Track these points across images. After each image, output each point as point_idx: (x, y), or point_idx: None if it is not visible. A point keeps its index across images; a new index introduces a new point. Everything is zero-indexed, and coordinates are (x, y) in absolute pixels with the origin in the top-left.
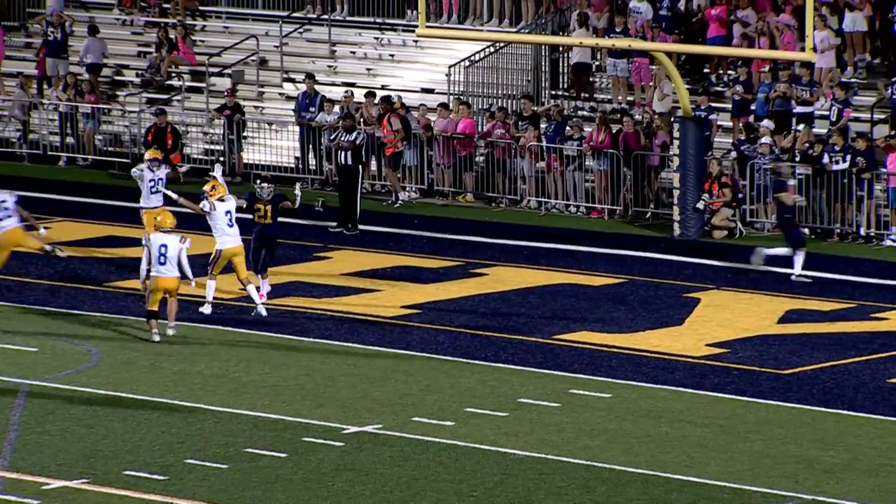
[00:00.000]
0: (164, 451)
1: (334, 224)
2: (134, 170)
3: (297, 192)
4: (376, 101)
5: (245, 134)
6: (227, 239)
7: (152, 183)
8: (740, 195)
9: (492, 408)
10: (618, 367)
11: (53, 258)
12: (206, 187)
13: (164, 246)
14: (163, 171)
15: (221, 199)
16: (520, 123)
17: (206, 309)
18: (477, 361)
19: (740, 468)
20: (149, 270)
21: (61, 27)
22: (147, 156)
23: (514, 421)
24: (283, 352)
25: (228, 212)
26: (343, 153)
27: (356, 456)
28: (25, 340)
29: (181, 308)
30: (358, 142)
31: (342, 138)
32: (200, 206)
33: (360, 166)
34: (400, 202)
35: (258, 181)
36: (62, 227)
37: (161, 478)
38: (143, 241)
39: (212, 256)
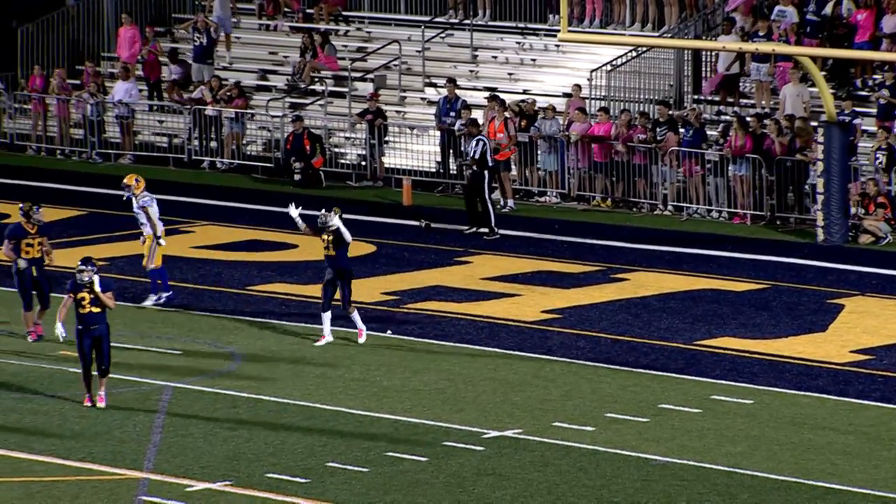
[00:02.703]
0: (306, 454)
1: (466, 227)
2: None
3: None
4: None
5: (387, 138)
6: None
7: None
8: None
9: (632, 413)
10: (760, 373)
11: None
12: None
13: None
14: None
15: None
16: (658, 129)
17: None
18: (617, 367)
19: (885, 476)
20: None
21: (207, 32)
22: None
23: (655, 427)
24: (423, 356)
25: None
26: (469, 157)
27: (497, 460)
28: (169, 343)
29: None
30: (477, 155)
31: (467, 149)
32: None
33: (486, 171)
34: (508, 208)
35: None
36: (206, 231)
37: (303, 481)
38: None
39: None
